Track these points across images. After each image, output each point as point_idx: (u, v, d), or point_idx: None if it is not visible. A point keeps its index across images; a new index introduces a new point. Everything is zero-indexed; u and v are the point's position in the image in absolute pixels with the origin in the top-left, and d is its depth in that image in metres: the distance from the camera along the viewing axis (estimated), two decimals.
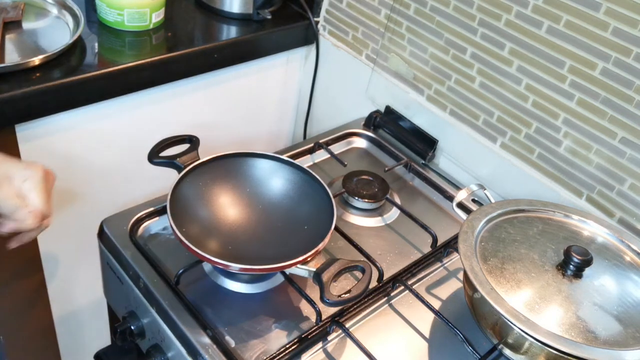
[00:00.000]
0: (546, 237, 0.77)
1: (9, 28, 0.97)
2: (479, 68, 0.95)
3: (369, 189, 0.95)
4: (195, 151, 0.84)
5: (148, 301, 0.77)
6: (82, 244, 1.08)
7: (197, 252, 0.71)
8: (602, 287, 0.71)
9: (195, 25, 1.12)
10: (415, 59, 1.04)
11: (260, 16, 1.14)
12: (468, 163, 1.01)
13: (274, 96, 1.26)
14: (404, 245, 0.90)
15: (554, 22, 0.84)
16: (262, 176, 0.86)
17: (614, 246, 0.77)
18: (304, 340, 0.73)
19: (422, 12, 1.00)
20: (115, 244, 0.81)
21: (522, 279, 0.70)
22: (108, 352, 0.89)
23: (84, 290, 1.16)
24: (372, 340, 0.75)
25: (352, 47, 1.16)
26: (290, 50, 1.20)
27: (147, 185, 1.11)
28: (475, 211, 0.79)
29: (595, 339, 0.65)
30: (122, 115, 1.02)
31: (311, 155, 1.04)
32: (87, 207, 1.06)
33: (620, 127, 0.81)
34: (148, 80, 1.00)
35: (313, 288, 0.79)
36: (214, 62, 1.08)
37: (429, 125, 1.05)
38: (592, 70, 0.82)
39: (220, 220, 0.82)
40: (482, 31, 0.93)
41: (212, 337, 0.71)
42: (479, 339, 0.74)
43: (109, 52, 0.98)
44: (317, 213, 0.80)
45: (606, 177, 0.85)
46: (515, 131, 0.94)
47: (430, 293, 0.83)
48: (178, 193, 0.79)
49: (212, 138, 1.19)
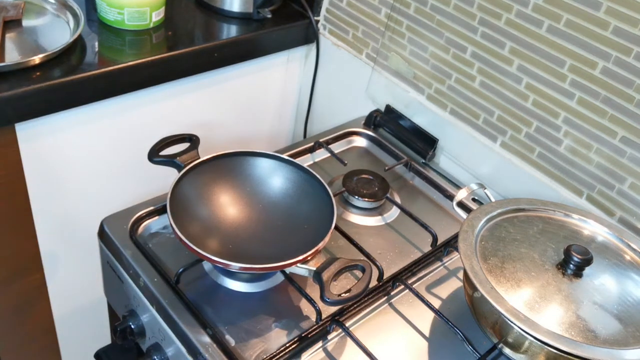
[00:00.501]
0: (546, 236, 0.77)
1: (9, 27, 0.97)
2: (480, 67, 0.95)
3: (369, 188, 0.95)
4: (196, 150, 0.84)
5: (148, 300, 0.77)
6: (82, 244, 1.08)
7: (197, 251, 0.71)
8: (602, 286, 0.71)
9: (195, 24, 1.12)
10: (415, 58, 1.04)
11: (260, 15, 1.14)
12: (468, 162, 1.01)
13: (274, 95, 1.26)
14: (404, 244, 0.90)
15: (555, 21, 0.84)
16: (262, 175, 0.86)
17: (614, 245, 0.77)
18: (304, 339, 0.73)
19: (423, 11, 1.00)
20: (116, 243, 0.81)
21: (522, 278, 0.70)
22: (108, 351, 0.89)
23: (84, 290, 1.16)
24: (372, 339, 0.75)
25: (353, 46, 1.16)
26: (291, 49, 1.20)
27: (147, 184, 1.11)
28: (475, 210, 0.79)
29: (595, 338, 0.65)
30: (122, 114, 1.02)
31: (311, 154, 1.04)
32: (87, 206, 1.06)
33: (621, 126, 0.81)
34: (148, 79, 1.00)
35: (313, 287, 0.79)
36: (214, 61, 1.08)
37: (429, 125, 1.05)
38: (593, 69, 0.82)
39: (220, 219, 0.82)
40: (483, 30, 0.93)
41: (212, 336, 0.71)
42: (479, 338, 0.74)
43: (109, 51, 0.98)
44: (317, 212, 0.80)
45: (606, 176, 0.85)
46: (516, 130, 0.93)
47: (431, 292, 0.83)
48: (178, 192, 0.79)
49: (212, 137, 1.19)
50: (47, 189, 0.99)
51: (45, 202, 1.00)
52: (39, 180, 0.97)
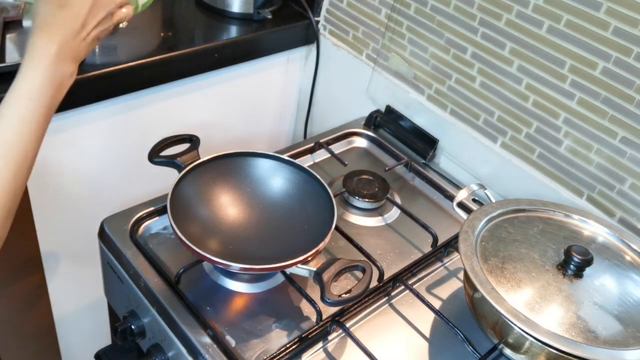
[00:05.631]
0: (546, 236, 0.77)
1: (9, 27, 0.97)
2: (480, 68, 0.95)
3: (369, 189, 0.95)
4: (196, 150, 0.84)
5: (148, 301, 0.76)
6: (82, 244, 1.08)
7: (198, 251, 0.71)
8: (603, 287, 0.71)
9: (195, 24, 1.12)
10: (415, 59, 1.04)
11: (260, 16, 1.14)
12: (468, 162, 1.01)
13: (275, 96, 1.26)
14: (405, 244, 0.90)
15: (555, 22, 0.84)
16: (262, 176, 0.86)
17: (615, 246, 0.77)
18: (304, 340, 0.73)
19: (423, 11, 1.00)
20: (116, 244, 0.81)
21: (523, 279, 0.70)
22: (108, 351, 0.89)
23: (84, 290, 1.16)
24: (373, 339, 0.75)
25: (353, 47, 1.16)
26: (291, 49, 1.20)
27: (147, 185, 1.11)
28: (475, 211, 0.79)
29: (595, 339, 0.65)
30: (122, 114, 1.02)
31: (312, 155, 1.04)
32: (87, 207, 1.06)
33: (621, 126, 0.81)
34: (148, 80, 1.00)
35: (313, 288, 0.79)
36: (215, 61, 1.08)
37: (429, 125, 1.05)
38: (593, 69, 0.82)
39: (220, 219, 0.82)
40: (483, 31, 0.93)
41: (213, 336, 0.71)
42: (479, 339, 0.74)
43: (109, 51, 0.98)
44: (318, 212, 0.80)
45: (607, 176, 0.85)
46: (516, 131, 0.94)
47: (431, 293, 0.83)
48: (178, 192, 0.78)
49: (213, 137, 1.19)
50: (47, 190, 0.99)
51: (45, 202, 1.00)
52: (39, 180, 0.96)
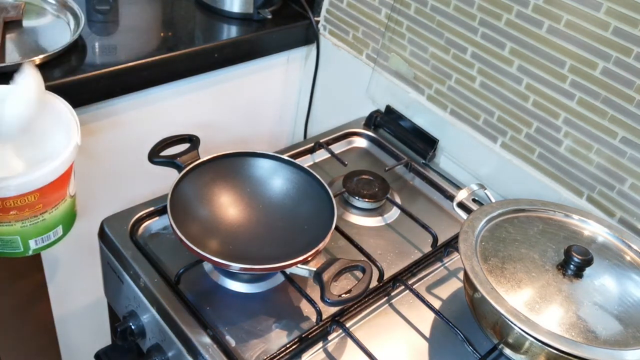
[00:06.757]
0: (546, 236, 0.77)
1: (9, 27, 0.97)
2: (480, 68, 0.95)
3: (369, 189, 0.95)
4: (196, 150, 0.84)
5: (148, 301, 0.77)
6: (82, 244, 1.08)
7: (198, 251, 0.71)
8: (603, 287, 0.71)
9: (195, 24, 1.12)
10: (415, 59, 1.04)
11: (260, 16, 1.14)
12: (468, 163, 1.01)
13: (275, 96, 1.26)
14: (405, 244, 0.90)
15: (555, 22, 0.84)
16: (262, 176, 0.86)
17: (615, 246, 0.77)
18: (304, 340, 0.73)
19: (423, 11, 1.00)
20: (116, 244, 0.81)
21: (523, 279, 0.70)
22: (108, 351, 0.89)
23: (84, 290, 1.16)
24: (373, 340, 0.75)
25: (353, 47, 1.15)
26: (291, 49, 1.20)
27: (147, 185, 1.11)
28: (475, 211, 0.79)
29: (595, 339, 0.65)
30: (122, 114, 1.02)
31: (311, 155, 1.04)
32: (87, 207, 1.06)
33: (621, 126, 0.81)
34: (148, 79, 1.00)
35: (313, 288, 0.79)
36: (214, 61, 1.08)
37: (429, 125, 1.05)
38: (593, 69, 0.82)
39: (220, 219, 0.82)
40: (483, 31, 0.93)
41: (213, 336, 0.71)
42: (479, 339, 0.74)
43: (109, 51, 0.98)
44: (318, 213, 0.80)
45: (607, 176, 0.85)
46: (516, 131, 0.94)
47: (431, 293, 0.83)
48: (178, 192, 0.79)
49: (213, 137, 1.19)
50: None
51: None
52: None
